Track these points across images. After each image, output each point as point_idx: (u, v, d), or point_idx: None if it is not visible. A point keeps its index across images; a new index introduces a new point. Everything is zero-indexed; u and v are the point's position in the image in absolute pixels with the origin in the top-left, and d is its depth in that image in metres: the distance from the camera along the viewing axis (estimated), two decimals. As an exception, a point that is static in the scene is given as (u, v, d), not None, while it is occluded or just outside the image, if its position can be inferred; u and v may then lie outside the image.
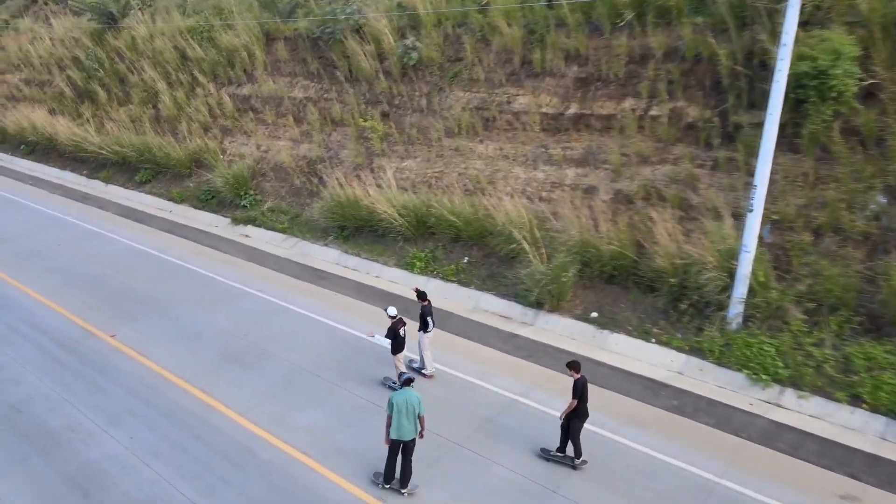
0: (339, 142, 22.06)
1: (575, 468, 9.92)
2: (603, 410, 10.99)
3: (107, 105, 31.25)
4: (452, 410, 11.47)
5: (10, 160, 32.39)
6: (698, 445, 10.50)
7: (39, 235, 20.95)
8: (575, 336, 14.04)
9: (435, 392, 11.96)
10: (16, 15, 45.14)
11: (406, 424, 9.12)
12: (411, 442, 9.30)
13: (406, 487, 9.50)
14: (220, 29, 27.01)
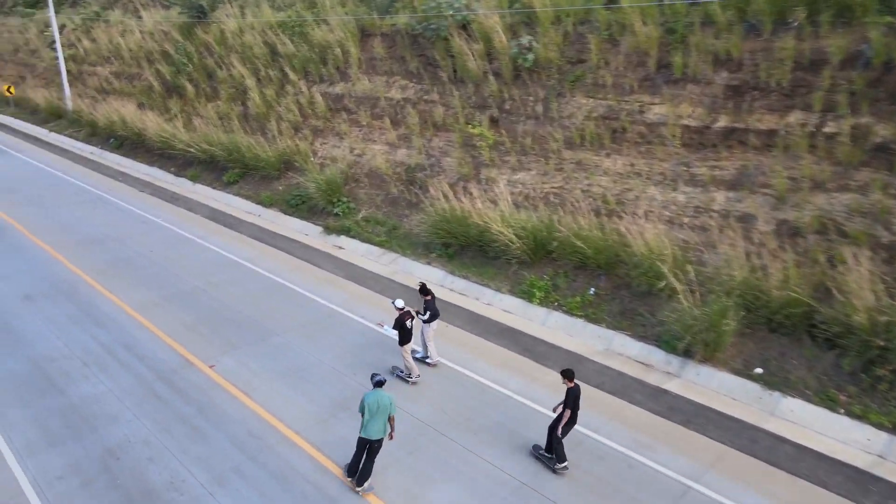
0: (442, 149, 20.39)
1: (555, 472, 10.03)
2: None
3: (195, 101, 30.66)
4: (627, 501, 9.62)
5: (101, 154, 32.30)
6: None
7: (131, 240, 20.20)
8: (735, 395, 11.92)
9: (588, 467, 10.16)
10: (106, 6, 45.56)
11: (375, 425, 9.29)
12: (377, 442, 9.41)
13: (361, 487, 9.58)
14: (313, 24, 25.76)
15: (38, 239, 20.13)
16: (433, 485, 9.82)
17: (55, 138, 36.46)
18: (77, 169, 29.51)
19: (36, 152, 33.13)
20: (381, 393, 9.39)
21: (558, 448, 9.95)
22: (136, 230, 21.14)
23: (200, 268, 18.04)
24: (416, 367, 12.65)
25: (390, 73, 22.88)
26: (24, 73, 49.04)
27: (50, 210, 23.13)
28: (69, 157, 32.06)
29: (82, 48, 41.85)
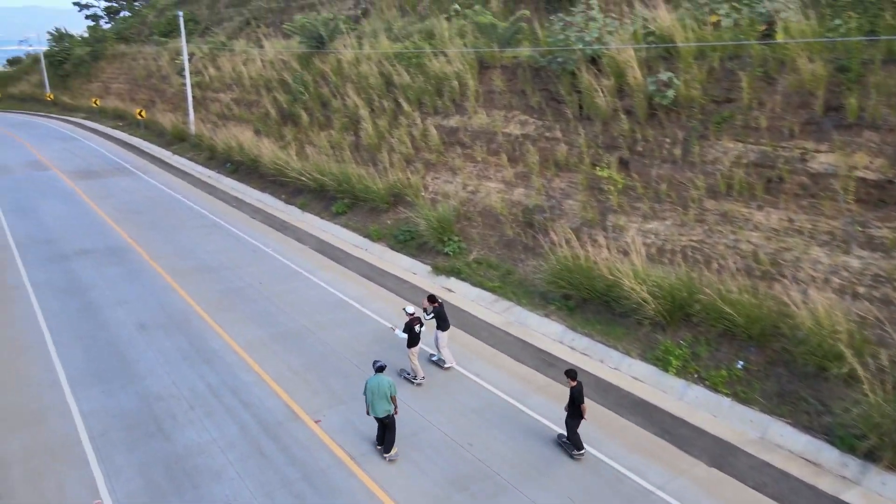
0: (564, 190, 19.04)
1: (573, 458, 11.21)
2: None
3: (308, 129, 31.02)
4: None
5: (217, 178, 33.30)
6: None
7: (242, 269, 20.11)
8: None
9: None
10: (232, 36, 47.83)
11: (379, 404, 10.73)
12: (386, 417, 10.83)
13: (388, 453, 11.10)
14: (430, 55, 25.28)
15: (157, 263, 20.45)
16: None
17: (177, 161, 38.16)
18: (195, 192, 30.44)
19: (160, 174, 34.66)
20: (381, 377, 10.82)
21: (576, 438, 11.30)
22: (247, 259, 21.10)
23: (308, 305, 17.53)
24: (420, 370, 13.62)
25: (509, 107, 21.88)
26: (155, 98, 52.31)
27: (169, 234, 23.67)
28: (189, 180, 33.25)
29: (207, 75, 43.96)
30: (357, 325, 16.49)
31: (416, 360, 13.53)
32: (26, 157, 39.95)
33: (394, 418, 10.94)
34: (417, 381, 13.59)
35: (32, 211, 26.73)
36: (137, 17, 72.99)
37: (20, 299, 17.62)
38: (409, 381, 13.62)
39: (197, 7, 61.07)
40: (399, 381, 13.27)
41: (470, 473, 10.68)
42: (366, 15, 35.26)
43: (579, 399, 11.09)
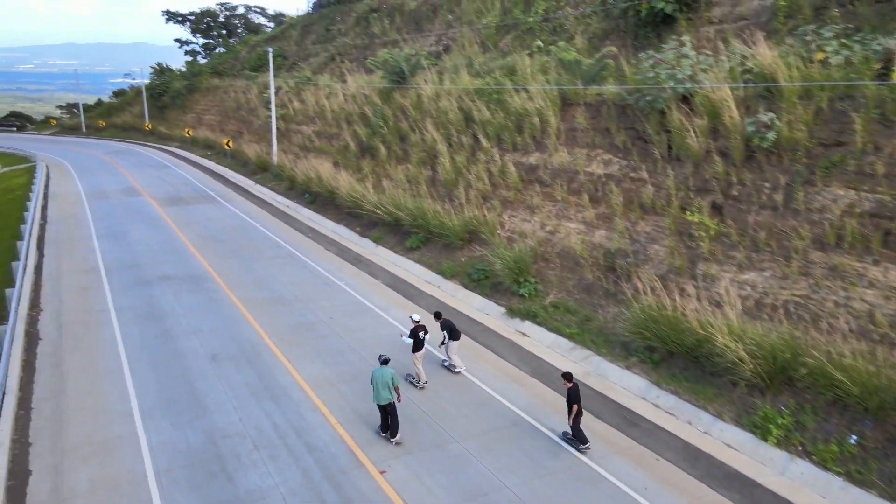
0: (649, 234, 18.00)
1: (580, 451, 12.33)
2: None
3: (386, 162, 31.22)
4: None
5: (295, 209, 33.94)
6: None
7: (315, 303, 20.03)
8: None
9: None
10: (317, 71, 49.43)
11: (381, 392, 12.11)
12: (388, 405, 12.18)
13: (394, 438, 12.40)
14: (511, 91, 24.94)
15: (232, 293, 20.70)
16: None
17: (259, 190, 39.31)
18: (273, 222, 31.06)
19: (242, 203, 35.71)
20: (384, 369, 12.40)
21: (579, 434, 12.42)
22: (319, 292, 21.05)
23: (378, 344, 17.13)
24: (423, 375, 14.81)
25: (592, 145, 21.12)
26: (242, 129, 54.59)
27: (246, 263, 24.05)
28: (268, 210, 34.05)
29: (292, 108, 45.45)
30: (427, 368, 15.91)
31: (420, 365, 14.80)
32: (122, 183, 42.21)
33: (395, 406, 12.38)
34: (420, 385, 14.77)
35: (123, 235, 27.90)
36: (231, 52, 77.05)
37: (104, 324, 18.10)
38: (413, 385, 14.81)
39: (286, 43, 63.79)
40: (405, 386, 14.61)
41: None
42: (447, 51, 35.52)
43: (574, 400, 12.31)
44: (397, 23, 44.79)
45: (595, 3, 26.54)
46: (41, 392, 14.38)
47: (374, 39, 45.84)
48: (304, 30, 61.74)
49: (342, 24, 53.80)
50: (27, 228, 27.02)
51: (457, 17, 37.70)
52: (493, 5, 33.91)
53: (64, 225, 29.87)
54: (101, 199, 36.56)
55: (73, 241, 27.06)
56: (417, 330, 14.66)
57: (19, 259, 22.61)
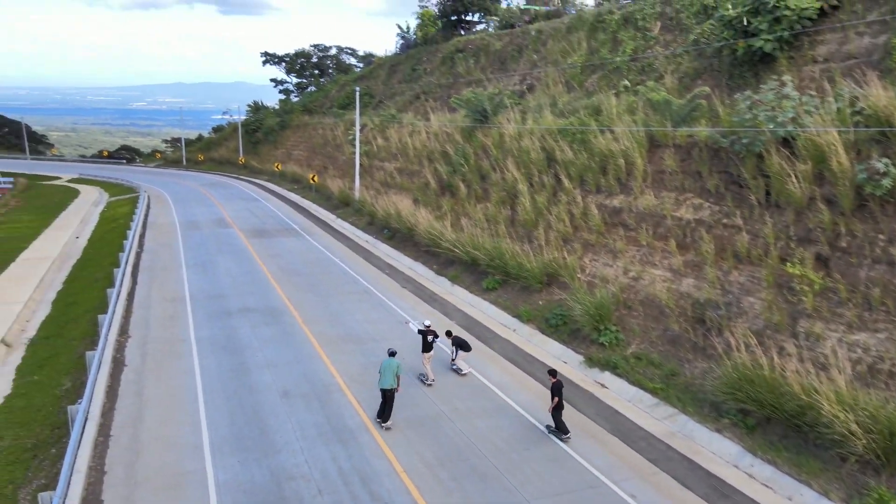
0: (744, 285, 16.77)
1: (562, 440, 14.13)
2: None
3: (465, 201, 31.12)
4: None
5: (374, 244, 34.32)
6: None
7: (387, 342, 19.72)
8: None
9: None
10: (401, 109, 50.59)
11: (385, 378, 14.29)
12: (389, 391, 14.31)
13: (385, 423, 14.41)
14: (596, 132, 24.34)
15: (308, 328, 20.86)
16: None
17: (340, 224, 40.15)
18: (352, 257, 31.45)
19: (322, 236, 36.51)
20: (391, 360, 14.54)
21: (561, 425, 14.08)
22: (393, 332, 20.87)
23: (449, 389, 16.67)
24: (431, 374, 16.93)
25: (681, 189, 20.14)
26: (327, 164, 56.42)
27: (323, 297, 24.31)
28: (348, 244, 34.60)
29: (376, 145, 46.53)
30: (498, 415, 15.29)
31: (429, 365, 16.94)
32: (214, 214, 44.25)
33: (394, 394, 14.35)
34: (428, 382, 16.89)
35: (210, 266, 28.98)
36: (322, 91, 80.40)
37: (185, 353, 18.58)
38: (422, 382, 16.93)
39: (373, 83, 65.89)
40: (416, 383, 16.88)
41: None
42: (531, 90, 35.40)
43: (556, 393, 13.98)
44: (482, 63, 45.29)
45: (686, 42, 25.72)
46: (121, 419, 14.77)
47: (459, 79, 46.49)
48: (391, 70, 63.62)
49: (428, 64, 55.02)
50: (124, 257, 28.55)
51: (542, 57, 37.64)
52: (579, 45, 33.62)
53: (158, 254, 31.41)
54: (193, 229, 38.37)
55: (164, 269, 28.33)
56: (427, 334, 16.88)
57: (114, 286, 23.78)
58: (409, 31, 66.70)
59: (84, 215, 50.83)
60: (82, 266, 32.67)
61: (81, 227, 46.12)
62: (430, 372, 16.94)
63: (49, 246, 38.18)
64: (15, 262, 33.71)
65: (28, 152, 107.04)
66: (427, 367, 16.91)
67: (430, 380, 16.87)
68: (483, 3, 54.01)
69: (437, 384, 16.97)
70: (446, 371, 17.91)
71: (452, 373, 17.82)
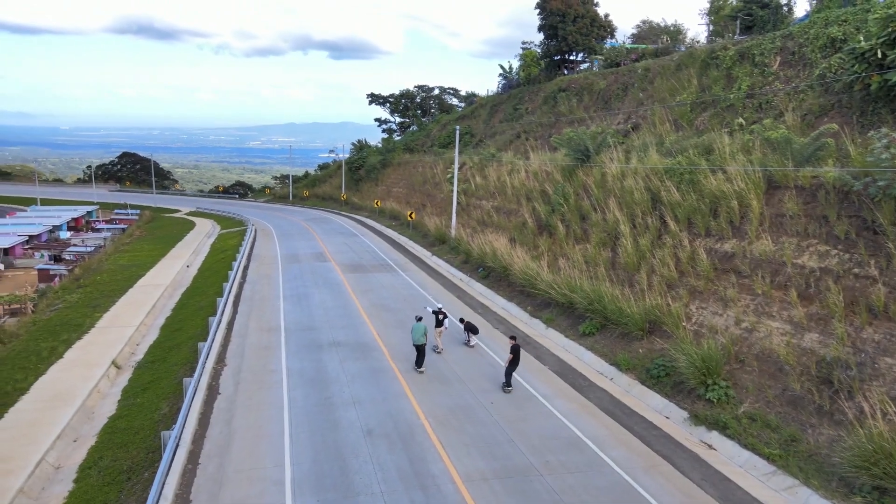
0: (880, 344, 14.95)
1: (504, 392, 18.74)
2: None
3: (563, 241, 30.34)
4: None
5: (468, 283, 34.09)
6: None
7: (475, 384, 19.32)
8: None
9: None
10: (501, 148, 50.76)
11: (417, 336, 19.82)
12: (421, 345, 19.83)
13: (420, 368, 19.98)
14: (706, 172, 23.05)
15: (396, 365, 20.71)
16: None
17: (435, 261, 40.33)
18: (445, 294, 31.31)
19: (416, 273, 36.74)
20: (419, 323, 20.05)
21: (508, 378, 18.79)
22: (483, 373, 20.32)
23: (539, 438, 15.83)
24: (440, 345, 21.98)
25: (804, 234, 18.50)
26: (426, 202, 57.31)
27: (413, 335, 24.18)
28: (441, 281, 34.57)
29: (474, 183, 46.75)
30: (591, 473, 14.27)
31: (439, 339, 22.05)
32: (314, 248, 45.83)
33: (424, 347, 19.81)
34: (438, 351, 21.81)
35: (306, 298, 29.77)
36: (423, 130, 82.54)
37: (275, 385, 18.90)
38: (434, 351, 21.82)
39: (475, 122, 66.82)
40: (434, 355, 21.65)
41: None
42: (636, 129, 34.40)
43: (513, 353, 18.62)
44: (585, 102, 44.75)
45: (811, 77, 24.06)
46: (210, 448, 15.06)
47: (561, 118, 46.13)
48: (493, 109, 64.30)
49: (529, 104, 55.10)
50: (227, 287, 29.90)
51: (648, 95, 36.61)
52: (689, 83, 32.43)
53: (259, 285, 32.70)
54: (293, 262, 39.82)
55: (263, 300, 29.38)
56: (439, 314, 22.10)
57: (216, 315, 24.82)
58: (512, 71, 67.44)
59: (196, 246, 54.24)
60: (190, 294, 34.57)
61: (193, 257, 49.16)
62: (439, 343, 22.16)
63: (164, 273, 40.87)
64: (133, 287, 36.27)
65: (154, 187, 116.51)
66: (438, 340, 22.15)
67: (439, 349, 22.03)
68: (587, 42, 53.73)
69: (448, 355, 22.16)
70: (458, 345, 23.20)
71: (463, 346, 23.01)
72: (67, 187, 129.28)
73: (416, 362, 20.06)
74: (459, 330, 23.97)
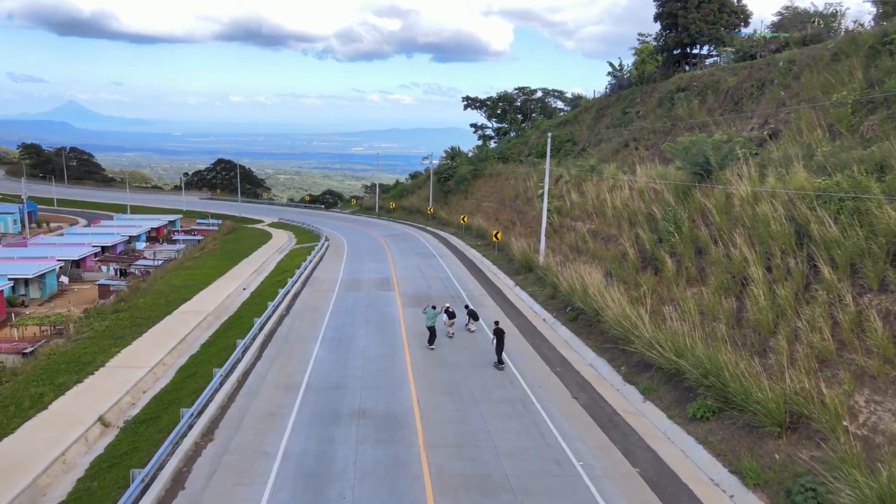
0: None
1: (497, 368, 22.75)
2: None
3: (672, 281, 24.82)
4: None
5: (552, 325, 29.20)
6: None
7: (532, 497, 14.55)
8: None
9: None
10: (605, 159, 45.26)
11: (428, 321, 25.47)
12: (432, 327, 25.35)
13: (432, 346, 25.26)
14: (880, 200, 17.12)
15: (426, 454, 16.32)
16: None
17: (517, 294, 35.66)
18: (519, 343, 26.57)
19: (492, 310, 32.18)
20: (431, 310, 25.82)
21: (500, 357, 23.27)
22: (544, 476, 15.51)
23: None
24: (451, 331, 27.23)
25: None
26: (515, 220, 52.64)
27: (462, 405, 19.70)
28: (518, 322, 29.90)
29: (569, 201, 41.67)
30: None
31: (451, 329, 27.17)
32: (382, 272, 42.42)
33: (435, 328, 25.57)
34: (449, 335, 26.95)
35: (347, 342, 26.11)
36: (521, 137, 77.93)
37: (258, 481, 14.97)
38: (447, 336, 26.78)
39: (578, 128, 61.54)
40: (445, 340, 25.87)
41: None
42: (775, 137, 28.25)
43: (497, 336, 23.33)
44: (709, 103, 38.61)
45: None
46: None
47: (678, 123, 40.21)
48: (599, 113, 58.81)
49: (641, 106, 49.30)
50: (258, 322, 26.71)
51: (792, 94, 30.27)
52: (849, 76, 26.05)
53: (301, 320, 29.49)
54: (352, 290, 36.52)
55: (298, 341, 26.02)
56: (448, 309, 26.92)
57: (224, 365, 21.49)
58: (623, 69, 61.65)
59: (262, 263, 52.54)
60: (230, 324, 31.96)
61: (254, 276, 47.26)
62: (450, 330, 26.87)
63: (212, 297, 38.83)
64: (172, 314, 34.22)
65: (239, 195, 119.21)
66: (449, 329, 26.94)
67: (450, 334, 26.87)
68: (714, 31, 47.20)
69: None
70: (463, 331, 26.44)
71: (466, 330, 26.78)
72: (163, 194, 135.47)
73: (430, 341, 25.50)
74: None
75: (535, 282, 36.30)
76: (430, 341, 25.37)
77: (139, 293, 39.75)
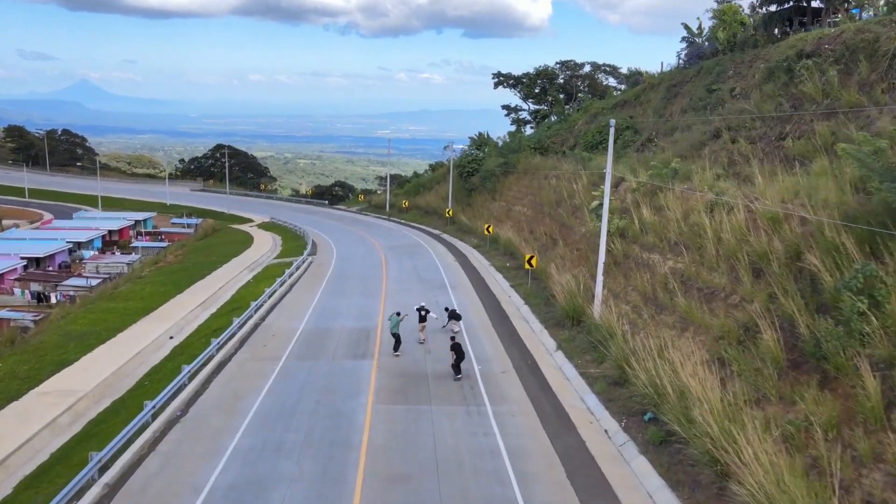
0: None
1: (455, 379, 22.59)
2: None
3: (870, 409, 13.31)
4: None
5: (620, 447, 17.94)
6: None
7: None
8: None
9: None
10: (687, 154, 33.47)
11: (392, 328, 25.96)
12: (397, 334, 25.85)
13: (396, 352, 25.69)
14: None
15: None
16: None
17: (560, 369, 24.34)
18: (550, 481, 15.31)
19: (515, 401, 20.87)
20: (395, 317, 26.28)
21: (457, 369, 23.37)
22: None
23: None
24: (422, 336, 27.47)
25: None
26: (557, 236, 40.98)
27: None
28: (553, 432, 18.60)
29: (638, 218, 30.07)
30: None
31: (422, 333, 27.52)
32: (365, 320, 31.49)
33: (399, 336, 25.82)
34: (420, 341, 27.25)
35: (266, 486, 15.20)
36: (564, 122, 66.21)
37: None
38: (418, 342, 27.16)
39: (640, 111, 49.80)
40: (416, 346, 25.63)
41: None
42: None
43: (454, 350, 23.38)
44: (861, 75, 26.60)
45: None
46: None
47: (802, 106, 28.33)
48: (670, 91, 46.92)
49: (738, 81, 37.33)
50: (109, 447, 15.92)
51: None
52: None
53: (194, 439, 18.62)
54: (310, 356, 25.74)
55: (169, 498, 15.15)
56: (422, 311, 27.60)
57: None
58: (703, 33, 49.61)
59: (219, 288, 42.01)
60: (98, 425, 21.32)
61: (199, 311, 36.75)
62: (421, 335, 27.41)
63: (115, 357, 28.36)
64: (19, 399, 23.62)
65: (228, 187, 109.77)
66: (420, 334, 27.47)
67: (422, 339, 27.32)
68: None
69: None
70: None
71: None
72: (153, 184, 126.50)
73: (395, 347, 25.84)
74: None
75: (588, 348, 25.01)
76: (395, 348, 25.87)
77: (17, 346, 29.23)
